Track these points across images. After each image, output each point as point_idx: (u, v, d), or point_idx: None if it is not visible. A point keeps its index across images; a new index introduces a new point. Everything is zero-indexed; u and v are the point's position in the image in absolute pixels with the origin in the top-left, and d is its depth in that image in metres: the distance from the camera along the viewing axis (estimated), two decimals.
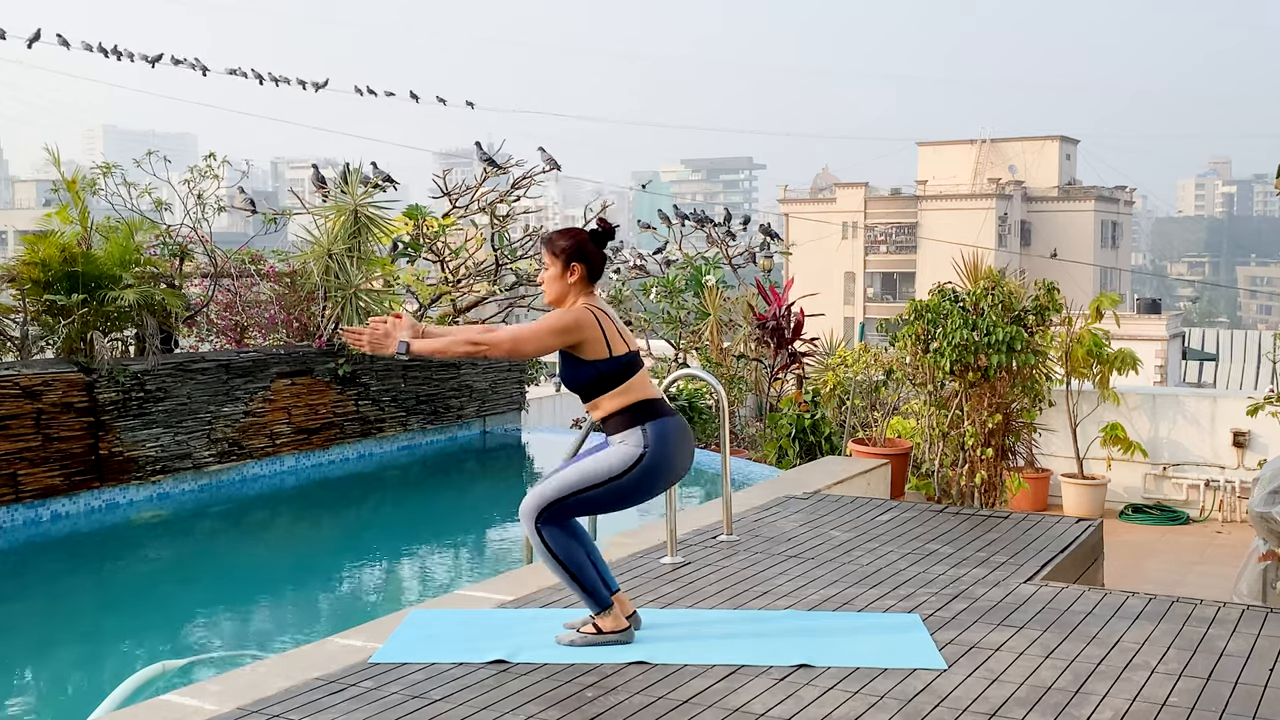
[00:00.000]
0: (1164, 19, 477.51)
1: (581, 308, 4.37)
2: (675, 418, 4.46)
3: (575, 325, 4.32)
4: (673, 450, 4.39)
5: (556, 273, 4.43)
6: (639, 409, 4.37)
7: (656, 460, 4.34)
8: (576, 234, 4.49)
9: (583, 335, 4.33)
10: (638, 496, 4.43)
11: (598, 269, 4.47)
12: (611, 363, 4.36)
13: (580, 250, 4.43)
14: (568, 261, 4.42)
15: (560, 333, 4.32)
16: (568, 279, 4.42)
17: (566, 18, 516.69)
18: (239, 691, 4.01)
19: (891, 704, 3.88)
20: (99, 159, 11.53)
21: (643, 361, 4.54)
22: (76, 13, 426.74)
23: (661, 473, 4.39)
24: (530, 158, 15.17)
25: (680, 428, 4.45)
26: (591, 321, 4.34)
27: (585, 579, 4.39)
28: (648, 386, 4.44)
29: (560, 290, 4.44)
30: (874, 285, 63.83)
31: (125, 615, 7.67)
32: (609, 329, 4.37)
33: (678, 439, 4.42)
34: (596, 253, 4.47)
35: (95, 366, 9.31)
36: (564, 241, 4.45)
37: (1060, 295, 9.01)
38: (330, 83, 19.25)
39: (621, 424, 4.37)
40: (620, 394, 4.37)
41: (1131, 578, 7.66)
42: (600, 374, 4.36)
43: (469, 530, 10.07)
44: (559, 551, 4.37)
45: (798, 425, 10.81)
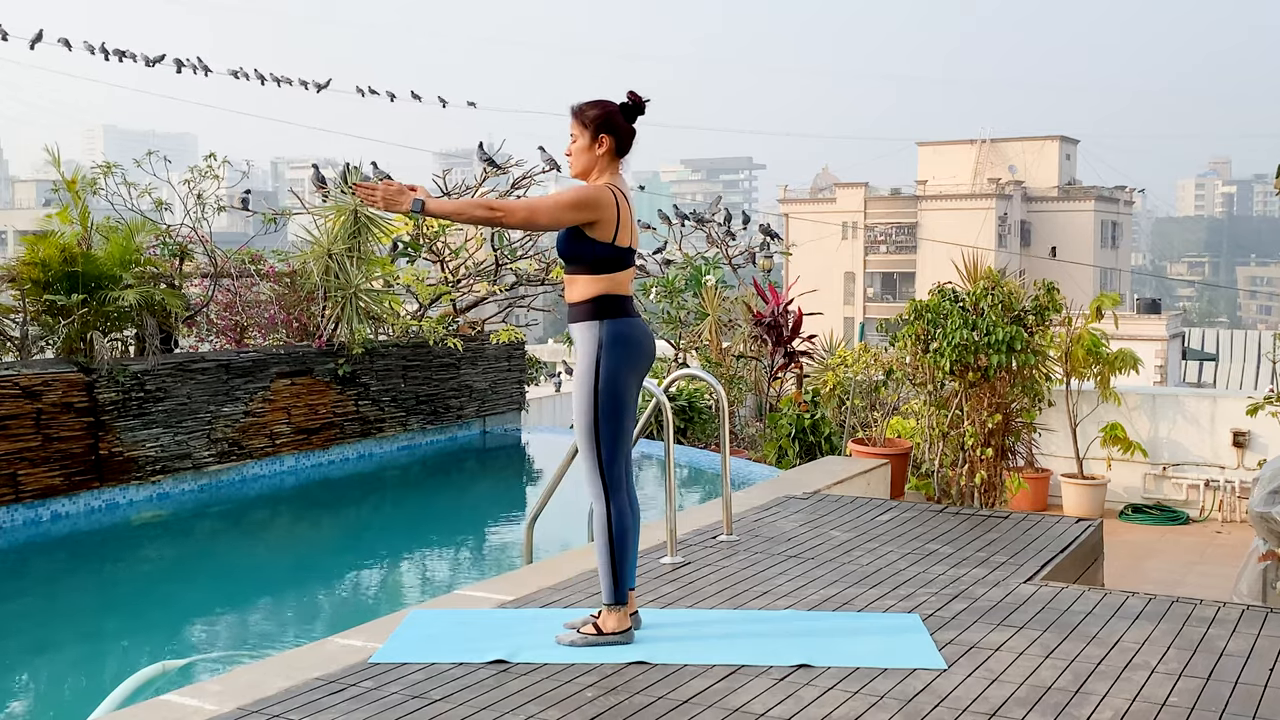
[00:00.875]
0: (1164, 19, 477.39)
1: (604, 186, 4.32)
2: (634, 319, 4.42)
3: (594, 202, 4.26)
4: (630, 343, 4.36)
5: (585, 144, 4.37)
6: (606, 301, 4.34)
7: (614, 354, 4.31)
8: (606, 105, 4.41)
9: (599, 214, 4.27)
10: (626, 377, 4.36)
11: (627, 143, 4.40)
12: (610, 249, 4.32)
13: (610, 121, 4.36)
14: (596, 132, 4.36)
15: (578, 207, 4.25)
16: (596, 150, 4.36)
17: (566, 18, 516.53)
18: (239, 691, 4.01)
19: (891, 704, 3.88)
20: (99, 159, 11.52)
21: (634, 261, 4.50)
22: (77, 13, 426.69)
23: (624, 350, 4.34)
24: (530, 158, 15.18)
25: (638, 328, 4.42)
26: (610, 202, 4.28)
27: (621, 565, 4.40)
28: (626, 284, 4.41)
29: (587, 162, 4.38)
30: (874, 285, 63.82)
31: (125, 615, 7.67)
32: (624, 216, 4.33)
33: (635, 337, 4.39)
34: (626, 126, 4.40)
35: (95, 366, 9.31)
36: (594, 111, 4.38)
37: (1060, 295, 9.01)
38: (331, 83, 19.25)
39: (584, 313, 4.35)
40: (599, 280, 4.34)
41: (1131, 578, 7.66)
42: (596, 256, 4.31)
43: (469, 530, 10.06)
44: (617, 529, 4.38)
45: (798, 425, 10.81)
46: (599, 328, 4.34)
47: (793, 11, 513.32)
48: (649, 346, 4.51)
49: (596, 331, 4.34)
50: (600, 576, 4.47)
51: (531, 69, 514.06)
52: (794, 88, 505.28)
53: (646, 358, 4.50)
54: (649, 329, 4.56)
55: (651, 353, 4.53)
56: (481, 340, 13.18)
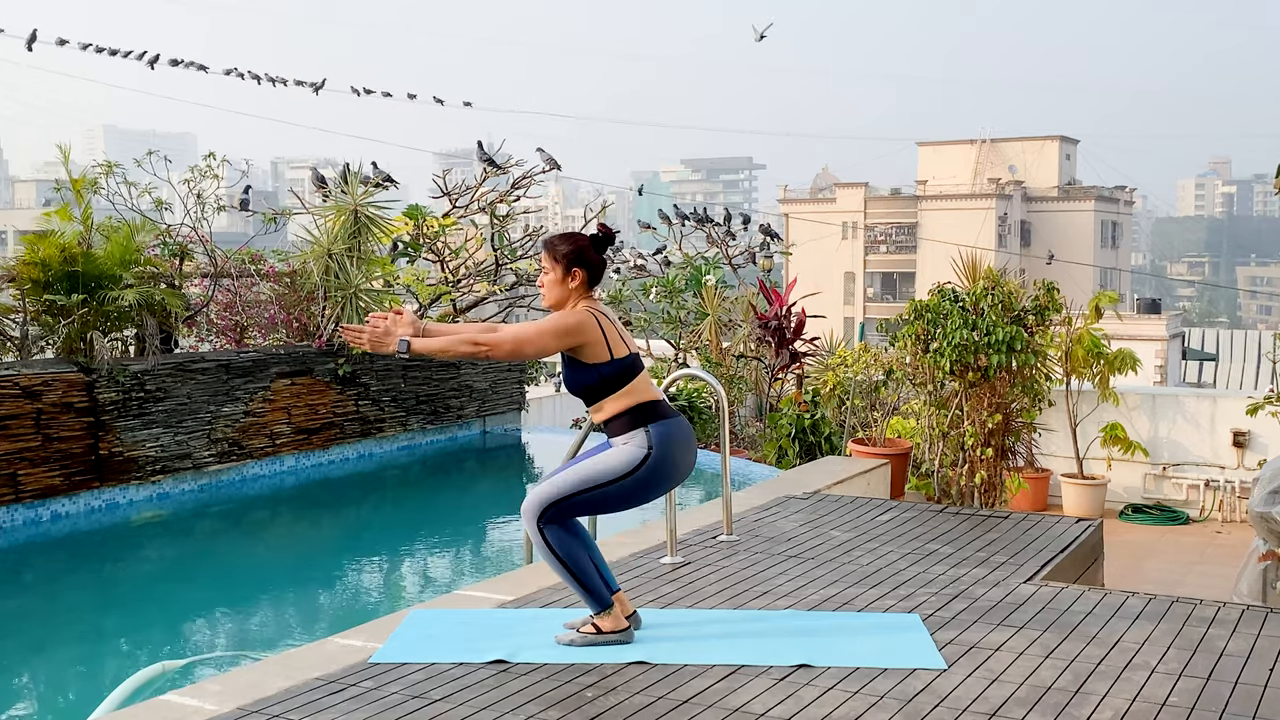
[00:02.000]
0: (1164, 19, 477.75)
1: (583, 310, 4.37)
2: (679, 419, 4.46)
3: (577, 328, 4.32)
4: (676, 452, 4.39)
5: (557, 277, 4.43)
6: (641, 411, 4.38)
7: (660, 462, 4.34)
8: (577, 239, 4.48)
9: (584, 338, 4.33)
10: (640, 498, 4.43)
11: (598, 274, 4.47)
12: (613, 365, 4.36)
13: (581, 256, 4.43)
14: (569, 267, 4.42)
15: (561, 335, 4.32)
16: (568, 284, 4.42)
17: (567, 18, 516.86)
18: (239, 691, 4.01)
19: (891, 704, 3.88)
20: (99, 159, 11.51)
21: (643, 364, 4.55)
22: (76, 13, 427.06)
23: (665, 474, 4.39)
24: (530, 158, 15.19)
25: (684, 430, 4.45)
26: (593, 324, 4.34)
27: (587, 579, 4.39)
28: (649, 388, 4.45)
29: (560, 295, 4.44)
30: (874, 285, 63.82)
31: (125, 615, 7.67)
32: (610, 332, 4.37)
33: (681, 441, 4.42)
34: (597, 258, 4.47)
35: (95, 366, 9.31)
36: (565, 247, 4.44)
37: (1060, 295, 9.01)
38: (330, 83, 19.24)
39: (624, 426, 4.37)
40: (623, 396, 4.38)
41: (1131, 578, 7.66)
42: (603, 377, 4.36)
43: (469, 530, 10.07)
44: (561, 551, 4.37)
45: (798, 425, 10.81)
46: (645, 433, 4.35)
47: (793, 12, 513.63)
48: (693, 449, 4.49)
49: (644, 436, 4.34)
50: (576, 594, 4.49)
51: (531, 69, 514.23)
52: (794, 88, 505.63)
53: (689, 461, 4.47)
54: (691, 429, 4.53)
55: (693, 458, 4.50)
56: None
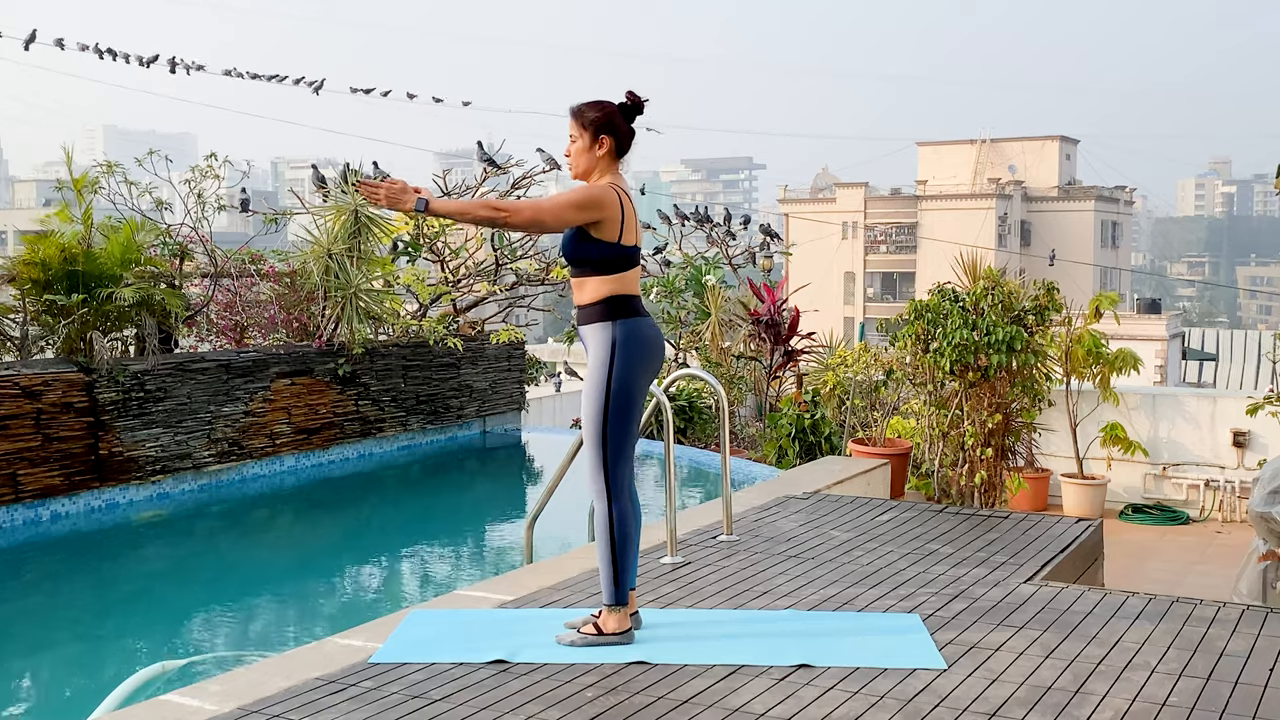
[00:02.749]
0: (1164, 19, 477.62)
1: (607, 185, 4.34)
2: (645, 319, 4.44)
3: (598, 202, 4.28)
4: (641, 339, 4.38)
5: (584, 145, 4.39)
6: (616, 303, 4.36)
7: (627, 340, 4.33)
8: (606, 106, 4.43)
9: (603, 214, 4.28)
10: (638, 375, 4.38)
11: (626, 144, 4.43)
12: (617, 249, 4.33)
13: (610, 123, 4.38)
14: (596, 134, 4.38)
15: (582, 207, 4.27)
16: (595, 151, 4.38)
17: (567, 18, 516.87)
18: (239, 691, 4.01)
19: (891, 704, 3.88)
20: (99, 159, 11.51)
21: (640, 260, 4.52)
22: (79, 13, 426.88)
23: (639, 350, 4.36)
24: (530, 158, 15.18)
25: (649, 327, 4.44)
26: (614, 201, 4.30)
27: (623, 567, 4.40)
28: (634, 284, 4.43)
29: (588, 163, 4.40)
30: (874, 285, 63.82)
31: (125, 615, 7.67)
32: (628, 214, 4.35)
33: (647, 337, 4.41)
34: (625, 127, 4.42)
35: (95, 366, 9.31)
36: (594, 113, 4.39)
37: (1060, 295, 9.01)
38: (330, 83, 19.24)
39: (596, 315, 4.36)
40: (608, 281, 4.35)
41: (1131, 578, 7.66)
42: (603, 256, 4.33)
43: (469, 530, 10.06)
44: (618, 529, 4.38)
45: (798, 425, 10.81)
46: (612, 328, 4.35)
47: (794, 12, 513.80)
48: (660, 345, 4.52)
49: (610, 332, 4.35)
50: (601, 577, 4.47)
51: (531, 69, 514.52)
52: (794, 88, 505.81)
53: (658, 357, 4.51)
54: (659, 328, 4.57)
55: (662, 351, 4.55)
56: (481, 340, 13.18)
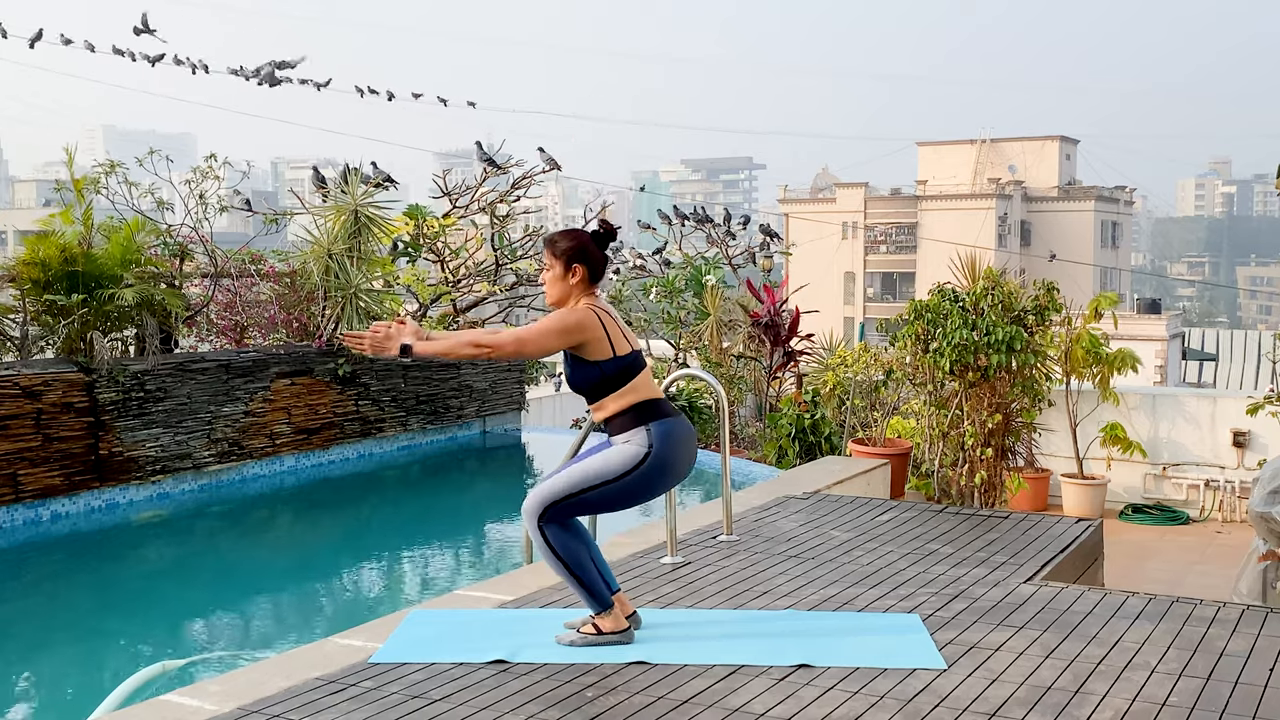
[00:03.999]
0: (1164, 19, 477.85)
1: (584, 308, 4.37)
2: (679, 419, 4.46)
3: (578, 325, 4.32)
4: (677, 451, 4.40)
5: (559, 274, 4.43)
6: (643, 409, 4.38)
7: (660, 461, 4.34)
8: (579, 235, 4.49)
9: (586, 335, 4.33)
10: (640, 497, 4.44)
11: (599, 270, 4.47)
12: (615, 363, 4.36)
13: (582, 252, 4.43)
14: (569, 263, 4.42)
15: (564, 333, 4.32)
16: (569, 280, 4.42)
17: (567, 18, 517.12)
18: (239, 691, 4.01)
19: (891, 704, 3.88)
20: (99, 159, 11.52)
21: (645, 362, 4.55)
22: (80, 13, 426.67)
23: (664, 473, 4.39)
24: (530, 158, 15.19)
25: (684, 429, 4.45)
26: (594, 322, 4.34)
27: (587, 578, 4.39)
28: (651, 387, 4.45)
29: (562, 291, 4.44)
30: (874, 285, 63.82)
31: (125, 615, 7.67)
32: (612, 329, 4.37)
33: (682, 440, 4.42)
34: (598, 254, 4.47)
35: (95, 366, 9.31)
36: (566, 243, 4.45)
37: (1059, 295, 9.01)
38: (331, 82, 19.21)
39: (625, 424, 4.37)
40: (624, 394, 4.38)
41: (1131, 578, 7.65)
42: (604, 375, 4.36)
43: (469, 530, 10.06)
44: (561, 550, 4.37)
45: (798, 425, 10.80)
46: (645, 431, 4.35)
47: (794, 12, 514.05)
48: (693, 447, 4.49)
49: (645, 435, 4.34)
50: (577, 595, 4.48)
51: (531, 69, 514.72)
52: (794, 88, 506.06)
53: (689, 460, 4.48)
54: (693, 429, 4.55)
55: (693, 454, 4.51)
56: None
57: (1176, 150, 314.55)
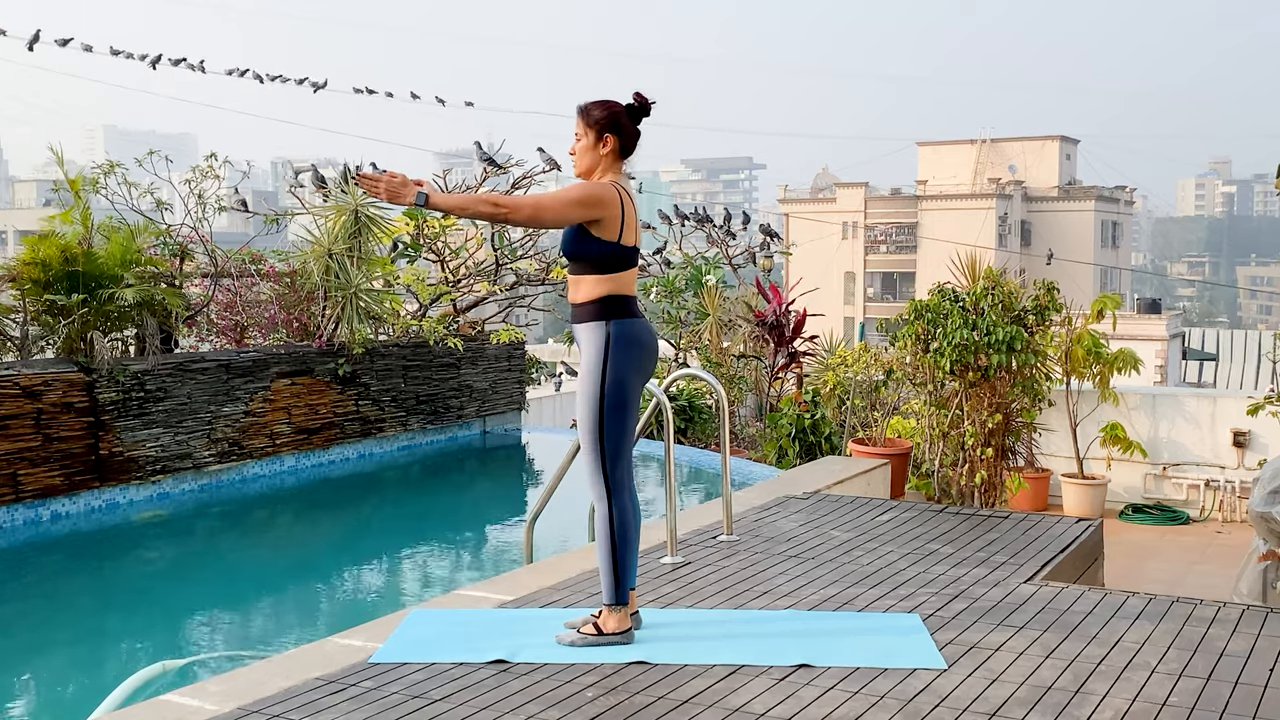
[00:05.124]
0: (1164, 20, 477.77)
1: (609, 184, 4.33)
2: (641, 320, 4.45)
3: (600, 200, 4.27)
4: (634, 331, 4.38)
5: (589, 143, 4.39)
6: (612, 302, 4.36)
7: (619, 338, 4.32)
8: (612, 105, 4.43)
9: (604, 212, 4.28)
10: (630, 380, 4.37)
11: (632, 144, 4.42)
12: (616, 248, 4.33)
13: (615, 122, 4.38)
14: (601, 132, 4.38)
15: (584, 205, 4.26)
16: (600, 150, 4.38)
17: (567, 18, 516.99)
18: (239, 691, 4.01)
19: (891, 704, 3.88)
20: (99, 159, 11.52)
21: (638, 260, 4.52)
22: (81, 13, 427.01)
23: (631, 344, 4.35)
24: (530, 158, 15.19)
25: (643, 328, 4.44)
26: (615, 200, 4.30)
27: (623, 565, 4.41)
28: (630, 284, 4.44)
29: (591, 161, 4.39)
30: (874, 285, 63.82)
31: (125, 615, 7.67)
32: (629, 214, 4.34)
33: (639, 336, 4.40)
34: (631, 127, 4.42)
35: (95, 366, 9.31)
36: (599, 112, 4.39)
37: (1060, 295, 9.01)
38: (331, 83, 19.25)
39: (590, 314, 4.36)
40: (605, 280, 4.35)
41: (1131, 578, 7.65)
42: (602, 254, 4.32)
43: (469, 530, 10.06)
44: (619, 530, 4.39)
45: (798, 425, 10.80)
46: (605, 327, 4.35)
47: (795, 12, 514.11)
48: (654, 346, 4.52)
49: (603, 331, 4.34)
50: (601, 576, 4.47)
51: (531, 69, 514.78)
52: (794, 88, 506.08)
53: (651, 358, 4.50)
54: (653, 329, 4.57)
55: (655, 353, 4.54)
56: (482, 340, 13.18)
57: (1177, 150, 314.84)
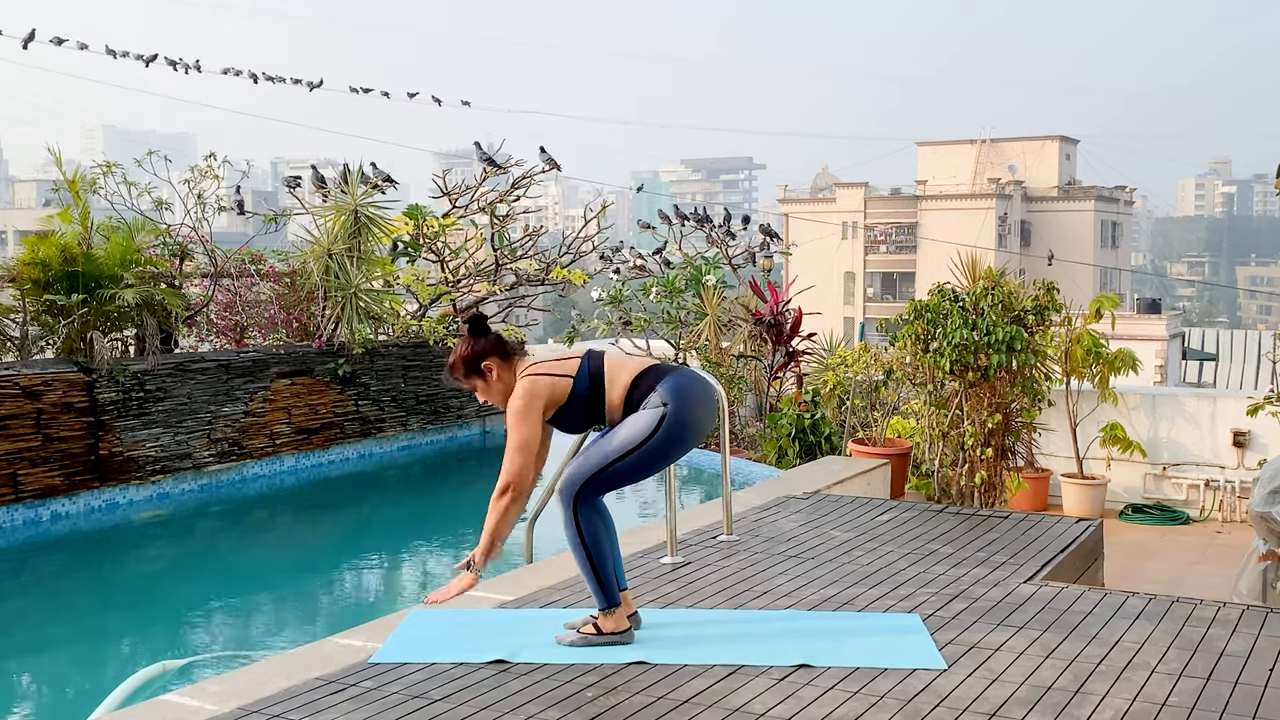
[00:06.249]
0: (1164, 20, 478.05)
1: (523, 379, 4.38)
2: (684, 371, 4.49)
3: (532, 396, 4.34)
4: (692, 403, 4.40)
5: (485, 384, 4.47)
6: (639, 384, 4.39)
7: (679, 415, 4.34)
8: (461, 349, 4.49)
9: (545, 397, 4.36)
10: (669, 455, 4.42)
11: (500, 347, 4.47)
12: (579, 383, 4.39)
13: (476, 361, 4.45)
14: (481, 374, 4.46)
15: (528, 413, 4.33)
16: (494, 380, 4.45)
17: (567, 18, 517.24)
18: (239, 691, 4.01)
19: (891, 704, 3.88)
20: (99, 159, 11.52)
21: (602, 352, 4.55)
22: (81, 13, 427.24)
23: (686, 426, 4.38)
24: (530, 157, 15.18)
25: (692, 380, 4.47)
26: (541, 384, 4.36)
27: (603, 571, 4.41)
28: (629, 366, 4.46)
29: (500, 390, 4.46)
30: (874, 285, 63.82)
31: (125, 615, 7.67)
32: (554, 370, 4.39)
33: (694, 392, 4.43)
34: (488, 341, 4.47)
35: (95, 366, 9.31)
36: (461, 365, 4.47)
37: (1059, 295, 9.01)
38: (329, 82, 19.24)
39: (640, 400, 4.40)
40: (613, 389, 4.40)
41: (1131, 578, 7.65)
42: (585, 397, 4.39)
43: (469, 530, 10.06)
44: (588, 535, 4.38)
45: (798, 425, 10.80)
46: (658, 393, 4.37)
47: (795, 12, 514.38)
48: (710, 395, 4.52)
49: (658, 396, 4.37)
50: (588, 586, 4.49)
51: (531, 69, 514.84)
52: (794, 88, 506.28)
53: (709, 408, 4.49)
54: (703, 378, 4.58)
55: (711, 402, 4.53)
56: None
57: (1176, 150, 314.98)
